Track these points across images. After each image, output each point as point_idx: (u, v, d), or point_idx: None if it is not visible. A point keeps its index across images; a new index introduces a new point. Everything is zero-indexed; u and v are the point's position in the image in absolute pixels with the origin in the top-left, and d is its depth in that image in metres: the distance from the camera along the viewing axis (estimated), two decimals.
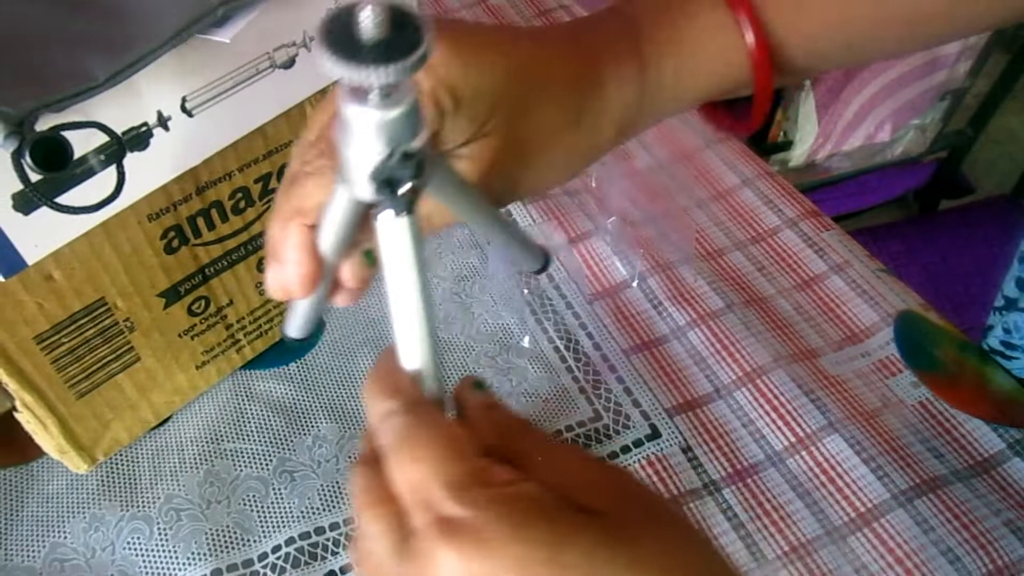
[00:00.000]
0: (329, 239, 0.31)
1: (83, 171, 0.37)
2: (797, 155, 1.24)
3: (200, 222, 0.45)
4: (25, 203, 0.36)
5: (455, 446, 0.25)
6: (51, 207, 0.36)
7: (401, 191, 0.27)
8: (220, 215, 0.46)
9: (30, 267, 0.39)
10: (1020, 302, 0.54)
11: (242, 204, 0.47)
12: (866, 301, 0.57)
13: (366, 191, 0.27)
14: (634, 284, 0.59)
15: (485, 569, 0.23)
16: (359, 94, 0.26)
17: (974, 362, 0.54)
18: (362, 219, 0.30)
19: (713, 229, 0.63)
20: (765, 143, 1.23)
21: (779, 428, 0.51)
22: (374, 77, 0.24)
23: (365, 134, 0.26)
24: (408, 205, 0.27)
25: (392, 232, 0.28)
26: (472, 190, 0.34)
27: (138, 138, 0.39)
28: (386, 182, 0.27)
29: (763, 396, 0.52)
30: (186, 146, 0.41)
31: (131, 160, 0.39)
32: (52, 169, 0.33)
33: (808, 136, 1.22)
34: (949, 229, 1.46)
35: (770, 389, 0.52)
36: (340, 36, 0.24)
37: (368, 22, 0.24)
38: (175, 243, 0.45)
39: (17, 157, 0.33)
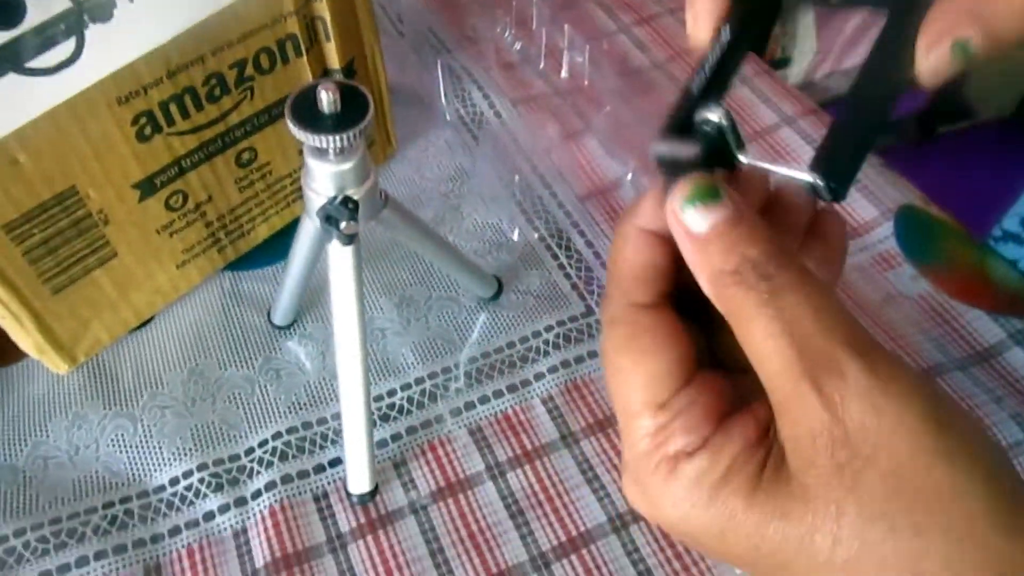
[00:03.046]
0: (299, 256, 0.42)
1: (43, 40, 0.35)
2: (795, 73, 1.21)
3: (173, 109, 0.43)
4: None
5: None
6: (12, 70, 0.34)
7: (343, 227, 0.35)
8: (194, 102, 0.44)
9: None
10: None
11: (217, 92, 0.45)
12: (866, 196, 0.56)
13: (317, 223, 0.36)
14: (627, 181, 0.57)
15: None
16: (320, 151, 0.34)
17: (975, 254, 0.53)
18: (322, 242, 0.38)
19: None
20: (762, 60, 1.20)
21: None
22: (329, 142, 0.32)
23: (322, 179, 0.35)
24: (349, 239, 0.36)
25: (338, 257, 0.36)
26: (423, 226, 0.42)
27: (100, 7, 0.37)
28: (328, 219, 0.35)
29: None
30: (152, 20, 0.39)
31: (94, 32, 0.37)
32: (2, 26, 0.32)
33: (807, 53, 1.18)
34: (947, 153, 1.43)
35: None
36: (305, 108, 0.33)
37: (325, 100, 0.32)
38: (147, 130, 0.43)
39: None
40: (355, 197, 0.35)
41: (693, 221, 0.21)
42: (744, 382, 0.23)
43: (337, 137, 0.32)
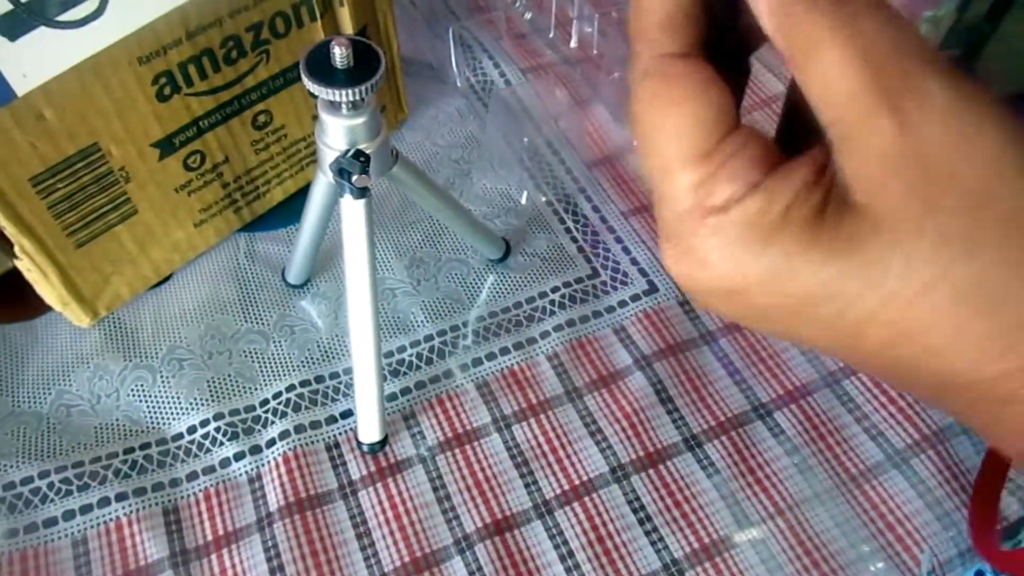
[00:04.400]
0: (313, 213, 0.43)
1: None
2: None
3: (191, 70, 0.45)
4: (12, 26, 0.35)
5: None
6: (42, 23, 0.35)
7: (355, 179, 0.36)
8: (212, 64, 0.45)
9: (19, 100, 0.38)
10: None
11: (234, 54, 0.46)
12: None
13: (331, 177, 0.37)
14: (634, 148, 0.58)
15: None
16: (333, 105, 0.35)
17: None
18: (335, 198, 0.39)
19: None
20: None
21: None
22: (341, 95, 0.34)
23: (335, 134, 0.36)
24: (361, 192, 0.37)
25: (350, 211, 0.38)
26: (432, 183, 0.43)
27: None
28: (341, 172, 0.36)
29: None
30: None
31: None
32: None
33: None
34: None
35: None
36: (319, 63, 0.34)
37: (338, 55, 0.33)
38: (167, 90, 0.44)
39: None
40: (367, 151, 0.36)
41: None
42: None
43: (349, 91, 0.33)
